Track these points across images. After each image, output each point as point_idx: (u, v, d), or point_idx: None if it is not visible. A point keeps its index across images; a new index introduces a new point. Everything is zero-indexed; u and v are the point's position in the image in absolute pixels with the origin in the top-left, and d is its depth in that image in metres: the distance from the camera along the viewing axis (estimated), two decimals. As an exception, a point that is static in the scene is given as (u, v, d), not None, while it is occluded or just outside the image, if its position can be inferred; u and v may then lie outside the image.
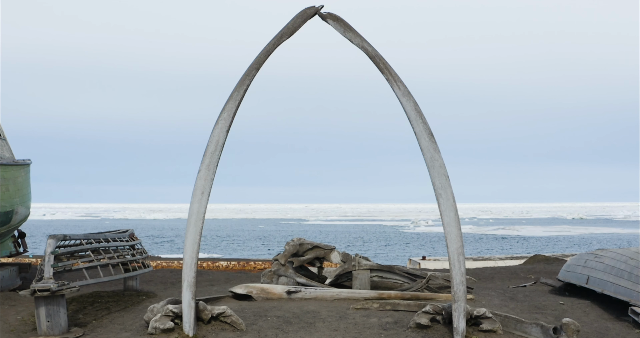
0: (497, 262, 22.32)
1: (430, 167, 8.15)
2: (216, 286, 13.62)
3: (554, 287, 13.18)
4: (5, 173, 11.62)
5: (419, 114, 8.18)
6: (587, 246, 50.43)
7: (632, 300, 9.83)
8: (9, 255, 13.57)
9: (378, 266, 11.11)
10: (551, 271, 17.19)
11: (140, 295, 11.45)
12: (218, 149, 8.24)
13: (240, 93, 8.33)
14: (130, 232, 11.71)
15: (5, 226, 12.02)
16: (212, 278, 15.25)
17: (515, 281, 15.31)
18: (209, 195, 8.20)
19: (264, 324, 8.69)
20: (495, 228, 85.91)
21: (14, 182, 12.06)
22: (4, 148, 12.57)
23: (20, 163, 12.67)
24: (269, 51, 8.39)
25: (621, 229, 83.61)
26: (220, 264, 19.93)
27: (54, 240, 8.65)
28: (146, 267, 11.57)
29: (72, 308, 10.08)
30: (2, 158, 11.96)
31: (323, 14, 8.41)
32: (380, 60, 8.31)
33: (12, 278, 12.35)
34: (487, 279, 15.85)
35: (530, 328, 8.43)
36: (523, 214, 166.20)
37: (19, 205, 12.47)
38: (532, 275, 16.55)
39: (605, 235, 69.44)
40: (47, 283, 8.24)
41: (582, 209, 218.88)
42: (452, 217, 8.07)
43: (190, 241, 8.15)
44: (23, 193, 12.68)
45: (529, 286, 13.79)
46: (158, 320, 8.22)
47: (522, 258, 22.66)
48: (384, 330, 8.50)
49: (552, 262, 19.99)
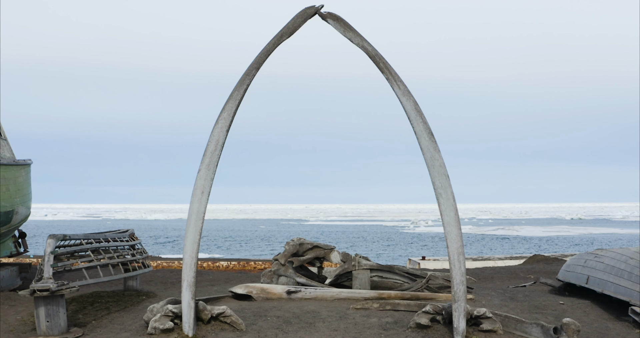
0: (496, 262, 22.23)
1: (430, 166, 8.09)
2: (216, 286, 13.55)
3: (554, 287, 13.10)
4: (5, 172, 11.55)
5: (419, 114, 8.12)
6: (586, 247, 50.30)
7: (632, 299, 9.75)
8: (9, 255, 13.50)
9: (378, 266, 11.04)
10: (550, 271, 17.08)
11: (141, 295, 11.38)
12: (218, 149, 8.18)
13: (241, 93, 8.27)
14: (131, 232, 11.65)
15: (6, 226, 11.94)
16: (212, 278, 15.18)
17: (515, 282, 15.22)
18: (209, 195, 8.14)
19: (264, 324, 8.62)
20: (494, 228, 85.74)
21: (15, 182, 11.98)
22: (4, 148, 12.50)
23: (21, 163, 12.59)
24: (269, 51, 8.34)
25: (620, 229, 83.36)
26: (221, 264, 19.85)
27: (53, 240, 8.59)
28: (146, 267, 11.51)
29: (72, 308, 10.02)
30: (2, 158, 11.88)
31: (323, 13, 8.35)
32: (380, 59, 8.25)
33: (13, 278, 12.27)
34: (487, 279, 15.76)
35: (530, 328, 8.36)
36: (522, 214, 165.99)
37: (20, 205, 12.39)
38: (532, 275, 16.45)
39: (604, 235, 69.24)
40: (47, 283, 8.18)
41: (581, 209, 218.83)
42: (452, 217, 8.01)
43: (190, 241, 8.09)
44: (23, 193, 12.61)
45: (528, 286, 13.70)
46: (158, 320, 8.16)
47: (521, 258, 22.57)
48: (384, 330, 8.44)
49: (551, 262, 19.90)
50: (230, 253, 46.02)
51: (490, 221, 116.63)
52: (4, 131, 12.91)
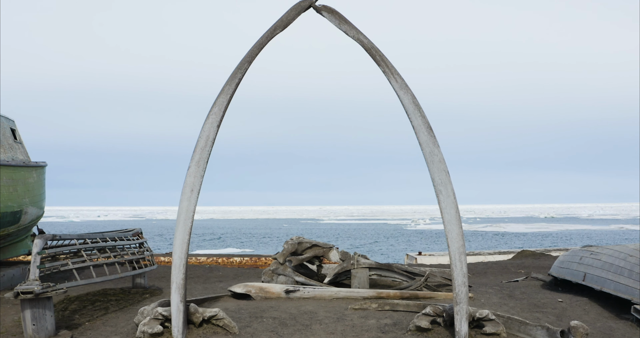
0: (486, 257, 20.49)
1: (429, 162, 6.48)
2: (224, 282, 11.97)
3: (545, 282, 11.51)
4: (13, 174, 10.03)
5: (417, 108, 6.52)
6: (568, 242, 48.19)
7: (634, 298, 8.11)
8: (27, 253, 11.95)
9: (376, 265, 9.35)
10: (539, 266, 15.55)
11: (145, 293, 9.81)
12: (209, 145, 6.62)
13: (232, 87, 6.71)
14: (136, 231, 10.06)
15: (14, 225, 10.38)
16: (221, 274, 13.60)
17: (507, 276, 13.65)
18: (199, 193, 6.56)
19: (259, 327, 7.00)
20: (483, 225, 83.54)
21: (24, 183, 10.44)
22: (18, 151, 10.98)
23: (32, 165, 11.03)
24: (262, 44, 6.79)
25: (590, 226, 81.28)
26: (234, 260, 18.20)
27: (41, 240, 7.01)
28: (152, 265, 9.95)
29: (72, 307, 8.48)
30: (12, 160, 10.33)
31: (318, 6, 6.80)
32: (376, 52, 6.68)
33: (24, 277, 10.72)
34: (480, 274, 14.20)
35: (535, 331, 6.72)
36: (502, 213, 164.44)
37: (29, 205, 10.81)
38: (522, 270, 14.89)
39: (578, 231, 67.02)
40: (31, 285, 6.62)
41: (551, 209, 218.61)
42: (453, 215, 6.39)
43: (179, 241, 6.50)
44: (34, 193, 11.03)
45: (521, 281, 12.12)
46: (147, 323, 6.57)
47: (510, 253, 20.80)
48: (382, 333, 6.81)
49: (538, 257, 18.26)
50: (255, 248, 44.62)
51: (477, 219, 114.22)
52: (19, 135, 11.41)
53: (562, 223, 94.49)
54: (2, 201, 9.49)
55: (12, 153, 10.54)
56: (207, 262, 17.93)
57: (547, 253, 19.46)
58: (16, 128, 11.33)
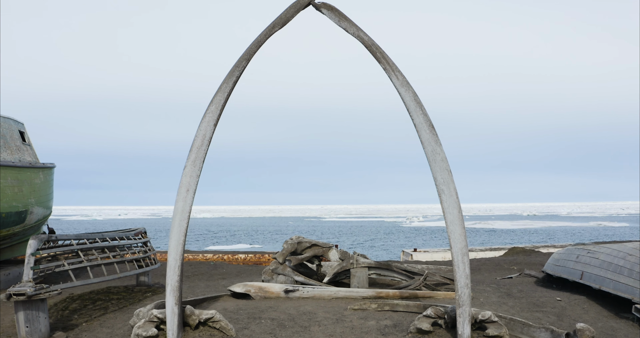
0: (478, 253, 19.71)
1: (431, 161, 5.76)
2: (227, 279, 11.26)
3: (538, 278, 10.82)
4: (19, 174, 9.32)
5: (419, 105, 5.80)
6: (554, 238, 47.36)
7: (634, 297, 7.39)
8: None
9: (376, 264, 8.61)
10: (531, 262, 14.81)
11: (148, 291, 9.08)
12: (205, 144, 5.90)
13: (230, 85, 5.99)
14: (139, 231, 9.33)
15: (20, 225, 9.66)
16: (225, 272, 12.87)
17: (501, 273, 12.92)
18: (195, 193, 5.84)
19: (256, 328, 6.27)
20: (472, 222, 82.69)
21: (30, 183, 9.72)
22: (26, 153, 10.26)
23: (39, 166, 10.31)
24: (260, 42, 6.07)
25: (571, 223, 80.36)
26: (239, 256, 17.46)
27: (35, 241, 6.29)
28: (154, 264, 9.23)
29: (72, 307, 7.76)
30: (19, 161, 9.62)
31: (317, 3, 6.09)
32: (377, 49, 5.96)
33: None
34: (475, 270, 13.47)
35: (539, 333, 5.99)
36: (487, 212, 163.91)
37: (35, 206, 10.09)
38: (515, 266, 14.15)
39: (560, 228, 66.05)
40: (24, 286, 5.91)
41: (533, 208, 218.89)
42: (456, 215, 5.66)
43: (174, 242, 5.78)
44: (40, 194, 10.30)
45: (515, 278, 11.38)
46: (141, 326, 5.84)
47: (501, 249, 20.01)
48: (382, 334, 6.08)
49: (529, 253, 17.50)
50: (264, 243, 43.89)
51: (466, 217, 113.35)
52: (28, 137, 10.70)
53: (544, 220, 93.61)
54: (6, 201, 8.77)
55: (20, 154, 9.83)
56: (213, 259, 17.22)
57: (536, 249, 18.71)
58: (25, 131, 10.63)
